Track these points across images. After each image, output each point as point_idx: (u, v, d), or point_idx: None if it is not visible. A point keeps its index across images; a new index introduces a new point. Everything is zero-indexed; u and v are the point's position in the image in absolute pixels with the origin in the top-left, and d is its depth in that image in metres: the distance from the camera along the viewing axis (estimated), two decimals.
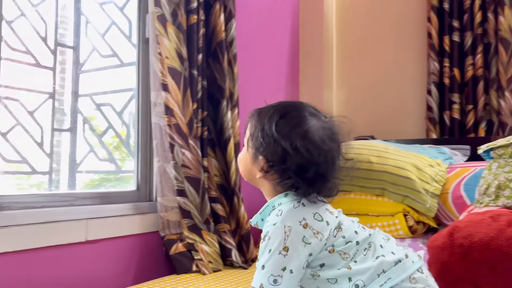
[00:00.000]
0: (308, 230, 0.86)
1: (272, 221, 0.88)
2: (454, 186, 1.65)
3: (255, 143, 0.94)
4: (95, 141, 1.83)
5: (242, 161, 1.01)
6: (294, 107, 0.97)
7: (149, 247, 1.56)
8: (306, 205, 0.90)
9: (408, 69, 2.41)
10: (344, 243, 0.88)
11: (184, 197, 1.55)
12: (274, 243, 0.84)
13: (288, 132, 0.91)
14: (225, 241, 1.63)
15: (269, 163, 0.92)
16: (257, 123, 0.95)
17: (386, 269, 0.85)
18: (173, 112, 1.52)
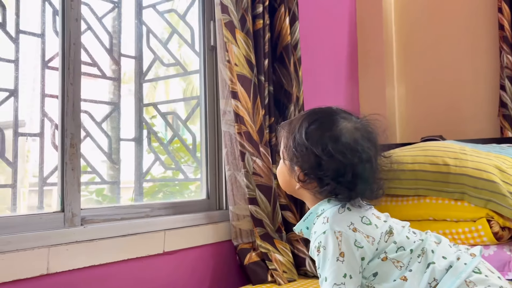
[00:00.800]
0: (358, 234, 0.84)
1: (320, 229, 0.86)
2: None
3: (289, 154, 0.93)
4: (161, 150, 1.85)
5: (281, 174, 1.00)
6: (323, 113, 0.95)
7: (222, 256, 1.55)
8: (351, 209, 0.88)
9: (476, 63, 2.28)
10: (396, 249, 0.85)
11: (256, 205, 1.53)
12: (329, 251, 0.83)
13: (319, 137, 0.89)
14: (298, 250, 1.59)
15: (305, 172, 0.90)
16: (288, 134, 0.95)
17: (438, 277, 0.82)
18: (243, 120, 1.49)
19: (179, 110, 2.00)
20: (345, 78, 2.42)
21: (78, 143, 1.19)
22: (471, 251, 0.89)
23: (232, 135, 1.53)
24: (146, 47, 1.80)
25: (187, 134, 1.87)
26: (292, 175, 0.94)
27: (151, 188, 2.12)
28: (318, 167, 0.88)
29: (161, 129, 1.95)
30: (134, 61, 1.82)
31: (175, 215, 1.46)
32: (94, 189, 1.85)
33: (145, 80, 1.87)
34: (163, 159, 1.81)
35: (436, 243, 0.89)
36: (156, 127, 1.89)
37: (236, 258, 1.55)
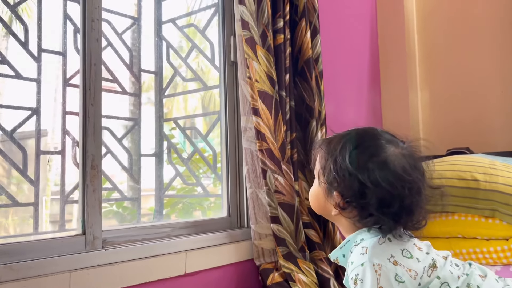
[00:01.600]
0: (399, 268, 0.79)
1: (358, 261, 0.81)
2: None
3: (328, 178, 0.87)
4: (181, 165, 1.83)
5: (314, 196, 0.94)
6: (368, 134, 0.89)
7: (245, 276, 1.52)
8: (392, 240, 0.83)
9: (504, 71, 2.20)
10: (440, 285, 0.81)
11: (278, 224, 1.49)
12: (367, 285, 0.78)
13: (365, 163, 0.83)
14: (322, 270, 1.54)
15: (346, 199, 0.84)
16: (328, 155, 0.88)
17: None
18: (264, 137, 1.46)
19: (198, 124, 1.99)
20: (367, 88, 2.38)
21: (99, 164, 1.18)
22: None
23: (253, 152, 1.51)
24: (166, 61, 1.80)
25: (207, 149, 1.85)
26: (329, 199, 0.89)
27: (170, 199, 2.11)
28: (361, 196, 0.82)
29: (181, 144, 1.94)
30: (154, 76, 1.81)
31: (196, 235, 1.44)
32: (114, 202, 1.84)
33: (165, 96, 1.86)
34: (182, 172, 1.80)
35: (481, 277, 0.84)
36: (175, 139, 1.88)
37: (259, 278, 1.51)
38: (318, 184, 0.92)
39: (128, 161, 1.70)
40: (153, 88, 1.81)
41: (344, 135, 0.90)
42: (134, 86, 1.77)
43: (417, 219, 0.86)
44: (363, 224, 0.86)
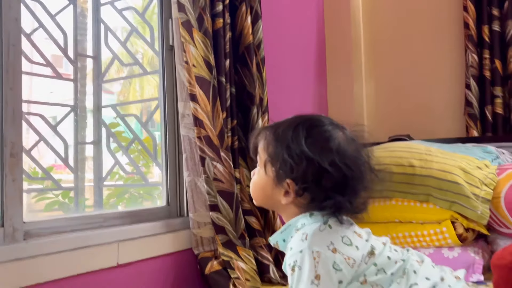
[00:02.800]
0: (338, 255, 0.78)
1: (297, 247, 0.80)
2: (506, 189, 1.53)
3: (281, 166, 0.84)
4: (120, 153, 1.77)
5: (259, 187, 0.91)
6: (316, 120, 0.88)
7: (183, 266, 1.49)
8: (332, 227, 0.82)
9: (443, 62, 2.27)
10: (376, 272, 0.81)
11: (218, 212, 1.47)
12: (304, 272, 0.77)
13: (321, 148, 0.82)
14: (262, 257, 1.54)
15: (301, 187, 0.83)
16: (278, 142, 0.86)
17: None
18: (202, 124, 1.43)
19: (139, 112, 1.93)
20: (313, 77, 2.39)
21: (20, 152, 1.11)
22: (455, 274, 0.85)
23: (191, 139, 1.47)
24: (105, 45, 1.72)
25: None
26: (277, 188, 0.86)
27: (116, 190, 2.04)
28: (318, 180, 0.82)
29: (126, 132, 1.87)
30: (92, 60, 1.74)
31: (131, 225, 1.39)
32: (60, 192, 1.76)
33: (104, 81, 1.79)
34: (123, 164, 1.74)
35: (418, 263, 0.85)
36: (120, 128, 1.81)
37: (197, 267, 1.49)
38: (263, 173, 0.89)
39: (64, 150, 1.62)
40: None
41: (291, 121, 0.88)
42: (79, 71, 1.68)
43: (363, 201, 0.86)
44: (317, 209, 0.85)
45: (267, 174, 0.87)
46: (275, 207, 0.91)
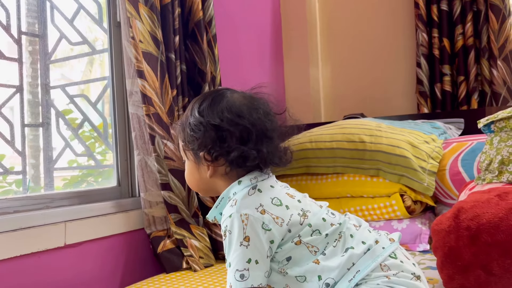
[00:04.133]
0: (267, 216, 0.80)
1: (227, 212, 0.81)
2: (451, 162, 1.59)
3: (191, 145, 0.87)
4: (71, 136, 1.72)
5: (190, 175, 0.94)
6: (210, 92, 0.92)
7: (134, 246, 1.47)
8: (262, 190, 0.84)
9: (395, 42, 2.31)
10: (311, 232, 0.82)
11: (169, 190, 1.45)
12: (234, 235, 0.78)
13: (212, 110, 0.85)
14: (216, 234, 1.54)
15: (211, 152, 0.85)
16: (182, 125, 0.90)
17: (356, 261, 0.79)
18: (151, 101, 1.41)
19: (89, 92, 1.87)
20: (270, 57, 2.38)
21: None
22: (390, 236, 0.87)
23: (140, 117, 1.44)
24: (51, 24, 1.66)
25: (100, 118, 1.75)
26: (200, 166, 0.89)
27: (73, 178, 1.99)
28: (222, 140, 0.84)
29: (71, 114, 1.81)
30: (38, 39, 1.67)
31: (80, 205, 1.36)
32: (13, 180, 1.70)
33: (51, 61, 1.72)
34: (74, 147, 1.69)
35: (356, 227, 0.86)
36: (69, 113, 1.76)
37: (150, 247, 1.47)
38: (187, 161, 0.92)
39: (10, 132, 1.56)
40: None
41: (196, 101, 0.92)
42: (17, 52, 1.61)
43: (279, 150, 0.88)
44: (233, 172, 0.86)
45: (189, 159, 0.90)
46: (210, 188, 0.92)
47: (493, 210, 1.02)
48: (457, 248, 1.02)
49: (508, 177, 1.22)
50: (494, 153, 1.27)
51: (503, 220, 0.98)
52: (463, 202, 1.10)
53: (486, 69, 2.01)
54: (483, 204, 1.05)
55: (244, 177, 0.86)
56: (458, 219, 1.05)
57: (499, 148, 1.27)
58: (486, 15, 2.00)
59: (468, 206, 1.07)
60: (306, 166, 1.79)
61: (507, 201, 1.03)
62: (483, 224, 1.00)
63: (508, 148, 1.24)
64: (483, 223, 1.00)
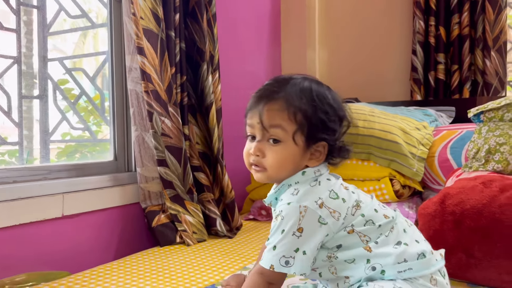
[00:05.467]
0: (324, 210, 0.80)
1: (286, 199, 0.82)
2: (440, 149, 1.63)
3: (315, 130, 0.83)
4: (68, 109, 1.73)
5: (288, 161, 0.85)
6: (314, 79, 0.89)
7: (130, 219, 1.51)
8: (321, 183, 0.84)
9: (392, 28, 2.33)
10: (364, 222, 0.83)
11: (165, 167, 1.48)
12: (287, 223, 0.79)
13: (340, 104, 0.87)
14: (209, 211, 1.58)
15: (331, 144, 0.86)
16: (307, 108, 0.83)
17: (408, 259, 0.80)
18: (150, 78, 1.42)
19: (87, 66, 1.88)
20: (268, 38, 2.39)
21: None
22: (440, 252, 0.88)
23: (139, 93, 1.46)
24: None
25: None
26: (304, 153, 0.84)
27: (66, 149, 2.00)
28: (338, 135, 0.87)
29: (69, 87, 1.82)
30: (37, 11, 1.66)
31: (77, 178, 1.38)
32: (6, 151, 1.71)
33: (50, 33, 1.72)
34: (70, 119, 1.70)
35: (407, 224, 0.88)
36: (66, 84, 1.76)
37: (145, 220, 1.51)
38: (292, 145, 0.84)
39: (7, 104, 1.57)
40: None
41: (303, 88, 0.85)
42: (16, 22, 1.60)
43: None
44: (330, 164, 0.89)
45: (297, 144, 0.84)
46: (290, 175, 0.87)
47: (477, 197, 1.06)
48: (441, 232, 1.07)
49: (493, 166, 1.27)
50: (482, 142, 1.32)
51: (485, 206, 1.03)
52: (449, 188, 1.15)
53: (479, 59, 2.04)
54: (468, 190, 1.10)
55: (308, 169, 0.85)
56: (444, 204, 1.10)
57: (487, 137, 1.31)
58: (483, 6, 2.02)
59: (454, 192, 1.12)
60: None
61: (491, 188, 1.08)
62: (467, 210, 1.05)
63: (495, 138, 1.29)
64: (467, 208, 1.05)
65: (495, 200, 1.03)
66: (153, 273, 1.17)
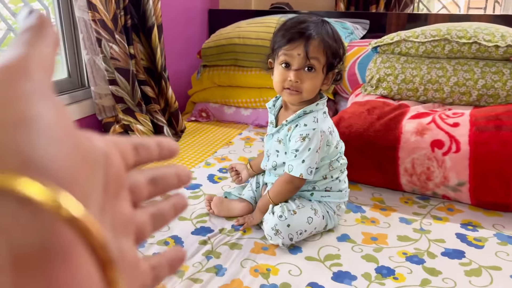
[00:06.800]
0: (330, 136, 1.16)
1: (311, 125, 1.12)
2: (350, 64, 1.96)
3: (335, 63, 1.13)
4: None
5: (316, 86, 1.12)
6: (324, 20, 1.15)
7: (90, 130, 1.77)
8: (327, 115, 1.18)
9: None
10: (337, 155, 1.20)
11: (116, 85, 1.71)
12: (312, 143, 1.11)
13: (343, 41, 1.16)
14: (157, 119, 1.87)
15: (337, 74, 1.17)
16: (333, 46, 1.10)
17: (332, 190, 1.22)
18: (96, 8, 1.56)
19: None
20: None
21: None
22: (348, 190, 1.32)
23: (86, 21, 1.61)
24: None
25: None
26: (324, 81, 1.13)
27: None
28: (341, 64, 1.16)
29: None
30: None
31: None
32: None
33: None
34: None
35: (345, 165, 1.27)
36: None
37: (102, 130, 1.78)
38: (321, 73, 1.10)
39: None
40: None
41: (328, 30, 1.11)
42: None
43: None
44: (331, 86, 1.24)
45: (323, 72, 1.11)
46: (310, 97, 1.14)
47: (361, 122, 1.43)
48: None
49: (381, 92, 1.63)
50: (375, 72, 1.65)
51: (365, 130, 1.41)
52: (344, 112, 1.51)
53: None
54: (356, 116, 1.46)
55: (320, 101, 1.15)
56: (338, 126, 1.46)
57: (379, 68, 1.64)
58: None
59: (346, 117, 1.48)
60: (234, 58, 2.08)
61: (372, 115, 1.45)
62: (353, 132, 1.43)
63: (385, 69, 1.62)
64: (353, 131, 1.43)
65: (372, 126, 1.41)
66: None
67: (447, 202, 1.37)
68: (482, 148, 1.27)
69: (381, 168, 1.39)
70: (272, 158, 1.23)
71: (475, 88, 1.51)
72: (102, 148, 0.24)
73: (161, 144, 0.30)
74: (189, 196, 1.38)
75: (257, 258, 1.06)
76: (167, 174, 0.30)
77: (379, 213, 1.30)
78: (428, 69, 1.57)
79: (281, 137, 1.19)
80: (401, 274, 1.02)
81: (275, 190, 1.16)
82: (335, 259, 1.07)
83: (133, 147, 0.28)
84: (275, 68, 1.14)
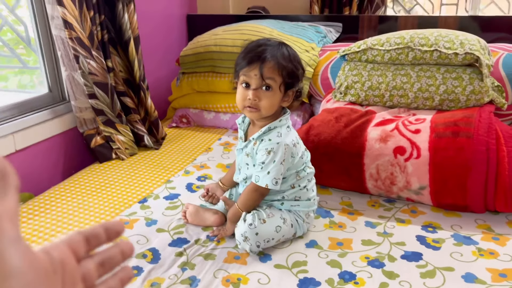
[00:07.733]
0: (295, 148, 1.24)
1: (275, 140, 1.22)
2: (323, 68, 2.02)
3: (291, 82, 1.21)
4: None
5: (274, 103, 1.21)
6: (282, 42, 1.25)
7: (71, 143, 1.83)
8: (291, 128, 1.28)
9: None
10: (302, 166, 1.28)
11: (95, 99, 1.77)
12: (277, 156, 1.20)
13: (300, 60, 1.25)
14: (137, 129, 1.93)
15: (297, 91, 1.26)
16: (288, 66, 1.19)
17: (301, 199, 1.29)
18: (72, 26, 1.61)
19: None
20: None
21: None
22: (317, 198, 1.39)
23: (64, 39, 1.66)
24: None
25: None
26: (282, 98, 1.22)
27: None
28: (300, 82, 1.25)
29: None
30: None
31: (21, 116, 1.64)
32: None
33: None
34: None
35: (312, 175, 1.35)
36: None
37: (84, 142, 1.85)
38: (278, 92, 1.19)
39: None
40: None
41: (284, 52, 1.20)
42: None
43: None
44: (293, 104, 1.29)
45: (280, 91, 1.20)
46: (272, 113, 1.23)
47: (329, 130, 1.51)
48: None
49: (349, 98, 1.70)
50: (344, 79, 1.73)
51: (333, 138, 1.49)
52: (314, 119, 1.59)
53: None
54: (325, 124, 1.54)
55: (283, 116, 1.25)
56: (308, 134, 1.54)
57: (347, 75, 1.72)
58: None
59: (316, 124, 1.56)
60: (212, 65, 2.14)
61: (339, 123, 1.53)
62: (321, 140, 1.50)
63: (352, 77, 1.70)
64: (322, 139, 1.50)
65: (339, 134, 1.49)
66: (98, 190, 1.56)
67: (411, 204, 1.46)
68: (441, 153, 1.36)
69: (348, 174, 1.48)
70: (243, 171, 1.31)
71: (437, 94, 1.59)
72: (58, 257, 0.32)
73: (108, 228, 0.38)
74: (167, 206, 1.45)
75: (229, 268, 1.14)
76: (111, 254, 0.38)
77: (346, 217, 1.39)
78: (393, 75, 1.65)
79: (248, 151, 1.27)
80: (362, 278, 1.10)
81: (243, 199, 1.25)
82: (302, 265, 1.15)
83: (84, 240, 0.36)
84: (238, 88, 1.23)
